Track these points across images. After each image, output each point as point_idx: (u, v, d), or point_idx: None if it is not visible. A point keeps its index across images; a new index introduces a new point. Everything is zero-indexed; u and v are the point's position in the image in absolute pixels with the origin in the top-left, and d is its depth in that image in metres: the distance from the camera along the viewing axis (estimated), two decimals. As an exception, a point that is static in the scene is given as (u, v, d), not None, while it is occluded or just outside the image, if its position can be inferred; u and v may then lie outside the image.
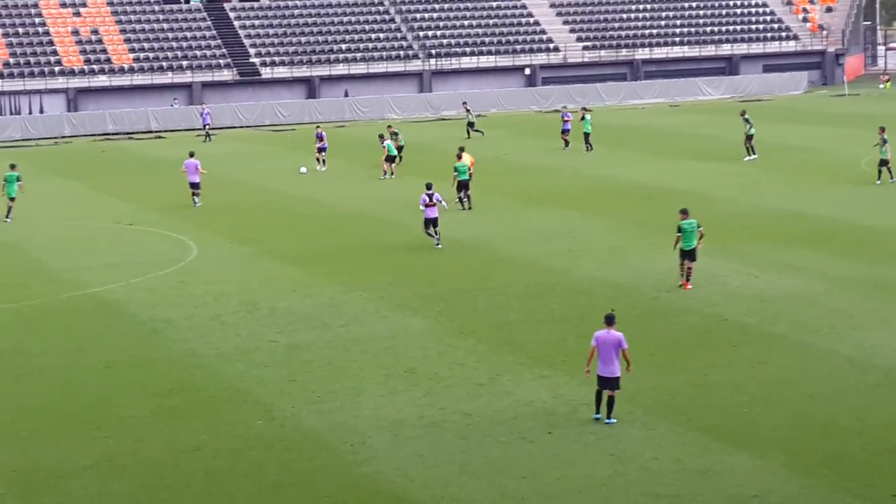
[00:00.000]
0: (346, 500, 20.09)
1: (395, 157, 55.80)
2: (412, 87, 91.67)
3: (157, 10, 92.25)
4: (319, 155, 59.25)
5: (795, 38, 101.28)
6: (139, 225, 45.75)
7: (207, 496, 20.42)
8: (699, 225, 33.17)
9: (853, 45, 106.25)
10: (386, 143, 55.86)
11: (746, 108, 64.96)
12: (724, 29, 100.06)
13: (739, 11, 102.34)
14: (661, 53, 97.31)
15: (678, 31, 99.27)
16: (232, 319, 31.52)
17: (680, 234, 32.95)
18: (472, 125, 71.15)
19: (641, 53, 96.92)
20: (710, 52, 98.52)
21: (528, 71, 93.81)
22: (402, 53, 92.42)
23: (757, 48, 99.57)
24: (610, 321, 22.96)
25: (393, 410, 24.08)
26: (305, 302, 33.07)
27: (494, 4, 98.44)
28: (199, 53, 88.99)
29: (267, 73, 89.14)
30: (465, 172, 46.07)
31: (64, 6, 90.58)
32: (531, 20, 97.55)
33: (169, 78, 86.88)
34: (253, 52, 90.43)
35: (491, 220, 44.28)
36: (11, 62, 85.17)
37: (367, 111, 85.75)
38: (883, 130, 50.19)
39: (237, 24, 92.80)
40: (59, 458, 22.25)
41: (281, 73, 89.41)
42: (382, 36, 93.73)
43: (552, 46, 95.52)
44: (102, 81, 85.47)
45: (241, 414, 24.28)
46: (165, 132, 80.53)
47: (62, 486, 21.02)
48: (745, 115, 58.63)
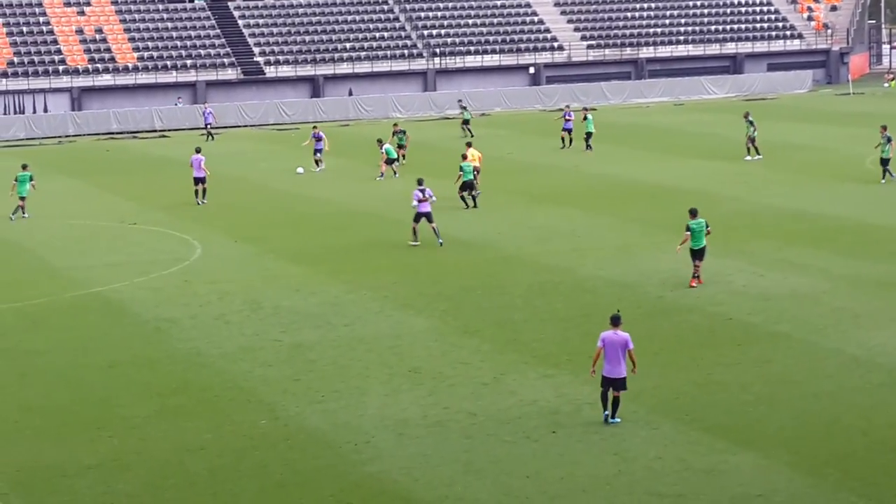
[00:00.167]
0: (350, 499, 20.08)
1: (394, 159, 55.72)
2: (416, 86, 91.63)
3: (161, 8, 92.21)
4: (315, 156, 58.95)
5: (800, 36, 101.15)
6: (143, 224, 45.74)
7: (211, 495, 20.42)
8: (707, 225, 33.17)
9: (858, 43, 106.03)
10: (385, 146, 55.71)
11: (750, 108, 64.84)
12: (728, 28, 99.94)
13: (744, 10, 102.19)
14: (665, 52, 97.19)
15: (682, 29, 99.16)
16: (236, 318, 31.52)
17: (689, 233, 32.96)
18: (466, 122, 70.81)
19: (646, 52, 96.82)
20: (714, 50, 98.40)
21: (532, 70, 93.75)
22: (406, 52, 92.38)
23: (761, 47, 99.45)
24: (616, 322, 22.87)
25: (397, 409, 24.07)
26: (309, 301, 33.07)
27: (499, 3, 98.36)
28: (203, 52, 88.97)
29: (271, 71, 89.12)
30: (469, 173, 46.20)
31: (68, 5, 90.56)
32: (535, 19, 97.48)
33: (173, 77, 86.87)
34: (257, 50, 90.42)
35: (495, 218, 44.26)
36: (15, 61, 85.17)
37: (371, 110, 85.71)
38: (884, 129, 50.15)
39: (241, 23, 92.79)
40: (63, 457, 22.24)
41: (285, 71, 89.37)
42: (386, 35, 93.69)
43: (556, 45, 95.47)
44: (106, 80, 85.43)
45: (245, 413, 24.28)
46: (169, 131, 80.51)
47: (66, 485, 21.01)
48: (748, 116, 58.38)
